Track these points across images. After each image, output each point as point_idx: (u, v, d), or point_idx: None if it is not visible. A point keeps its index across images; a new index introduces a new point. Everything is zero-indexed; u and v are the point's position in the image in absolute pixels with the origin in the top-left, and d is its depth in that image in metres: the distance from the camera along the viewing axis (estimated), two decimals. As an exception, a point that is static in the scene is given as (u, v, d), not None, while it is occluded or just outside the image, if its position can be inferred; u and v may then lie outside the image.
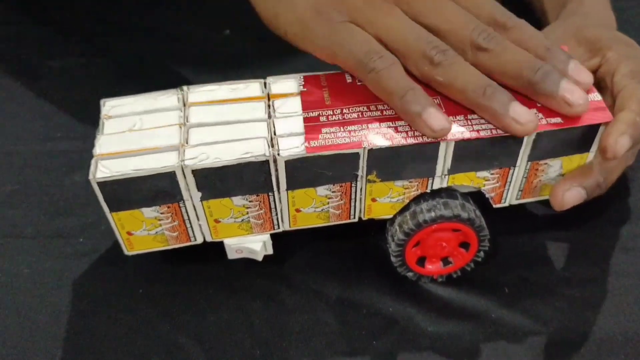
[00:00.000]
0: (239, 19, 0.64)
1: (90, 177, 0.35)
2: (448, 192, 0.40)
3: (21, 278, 0.44)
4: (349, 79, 0.40)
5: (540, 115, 0.37)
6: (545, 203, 0.41)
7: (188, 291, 0.43)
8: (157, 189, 0.36)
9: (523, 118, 0.35)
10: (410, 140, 0.36)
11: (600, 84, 0.42)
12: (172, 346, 0.40)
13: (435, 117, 0.35)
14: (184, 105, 0.39)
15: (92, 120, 0.51)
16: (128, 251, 0.41)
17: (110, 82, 0.59)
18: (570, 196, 0.39)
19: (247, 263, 0.43)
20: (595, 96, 0.38)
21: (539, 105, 0.37)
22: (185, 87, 0.40)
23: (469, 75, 0.36)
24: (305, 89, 0.39)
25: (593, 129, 0.38)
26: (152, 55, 0.62)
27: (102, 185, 0.35)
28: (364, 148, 0.36)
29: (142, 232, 0.39)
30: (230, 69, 0.59)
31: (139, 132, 0.38)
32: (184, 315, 0.42)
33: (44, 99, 0.58)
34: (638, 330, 0.40)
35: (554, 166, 0.39)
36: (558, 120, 0.37)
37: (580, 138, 0.38)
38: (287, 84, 0.40)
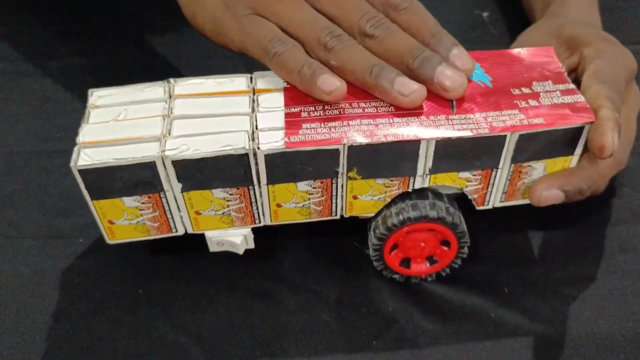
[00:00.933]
0: None
1: (72, 164, 0.36)
2: (419, 193, 0.40)
3: (21, 278, 0.44)
4: None
5: (523, 116, 0.37)
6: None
7: (188, 291, 0.43)
8: (138, 179, 0.37)
9: (406, 90, 0.36)
10: (391, 138, 0.36)
11: (579, 81, 0.42)
12: (172, 346, 0.40)
13: (327, 80, 0.36)
14: (170, 97, 0.40)
15: None
16: (110, 240, 0.41)
17: (110, 83, 0.59)
18: (548, 195, 0.39)
19: (247, 263, 0.43)
20: (579, 97, 0.38)
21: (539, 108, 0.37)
22: (172, 80, 0.41)
23: (357, 57, 0.37)
24: (288, 86, 0.39)
25: (577, 131, 0.38)
26: (152, 56, 0.62)
27: (83, 172, 0.36)
28: (344, 145, 0.36)
29: (123, 221, 0.39)
30: (230, 70, 0.59)
31: (123, 122, 0.38)
32: (184, 315, 0.42)
33: (44, 99, 0.58)
34: (638, 330, 0.40)
35: (538, 169, 0.39)
36: (540, 120, 0.37)
37: (564, 140, 0.38)
38: (273, 80, 0.40)
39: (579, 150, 0.39)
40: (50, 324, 0.41)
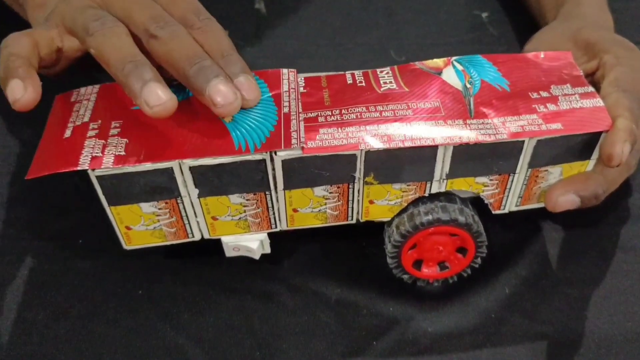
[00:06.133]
0: (237, 18, 0.64)
1: (89, 171, 0.35)
2: (447, 196, 0.40)
3: (21, 278, 0.44)
4: (349, 80, 0.40)
5: (541, 121, 0.37)
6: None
7: (188, 292, 0.43)
8: (155, 185, 0.36)
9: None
10: (408, 143, 0.36)
11: (597, 87, 0.42)
12: (172, 346, 0.40)
13: (153, 92, 0.33)
14: None
15: None
16: (127, 245, 0.41)
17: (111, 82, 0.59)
18: (564, 201, 0.39)
19: (246, 264, 0.43)
20: (597, 102, 0.38)
21: (539, 111, 0.37)
22: None
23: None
24: (305, 90, 0.39)
25: (594, 136, 0.37)
26: None
27: (101, 179, 0.36)
28: (361, 150, 0.36)
29: (140, 227, 0.39)
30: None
31: None
32: (184, 315, 0.42)
33: (44, 99, 0.58)
34: (638, 330, 0.40)
35: (554, 173, 0.39)
36: (558, 126, 0.37)
37: (581, 145, 0.38)
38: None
39: (595, 155, 0.39)
40: (50, 325, 0.41)
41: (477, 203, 0.41)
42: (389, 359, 0.39)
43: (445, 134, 0.36)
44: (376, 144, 0.36)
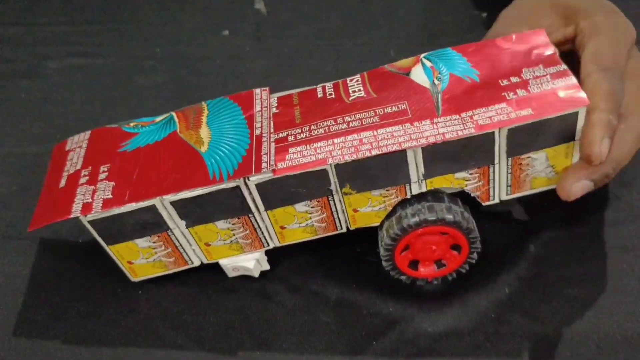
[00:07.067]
0: (237, 18, 0.64)
1: (81, 217, 0.38)
2: (434, 195, 0.39)
3: (20, 278, 0.44)
4: (319, 94, 0.40)
5: (510, 109, 0.36)
6: (546, 200, 0.41)
7: (188, 292, 0.43)
8: (144, 221, 0.39)
9: None
10: (375, 152, 0.36)
11: (577, 55, 0.41)
12: (172, 346, 0.40)
13: None
14: None
15: (92, 122, 0.51)
16: (133, 278, 0.43)
17: (109, 84, 0.59)
18: (578, 188, 0.38)
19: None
20: (570, 79, 0.37)
21: (528, 96, 0.36)
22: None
23: None
24: (277, 110, 0.40)
25: (572, 116, 0.36)
26: (151, 56, 0.62)
27: (93, 223, 0.38)
28: (329, 165, 0.36)
29: (141, 260, 0.41)
30: (228, 69, 0.60)
31: None
32: (184, 315, 0.42)
33: (43, 100, 0.58)
34: (638, 330, 0.40)
35: (539, 159, 0.38)
36: (529, 112, 0.36)
37: (561, 127, 0.37)
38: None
39: (579, 134, 0.37)
40: (50, 325, 0.41)
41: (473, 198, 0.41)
42: (388, 359, 0.39)
43: (411, 136, 0.36)
44: (344, 156, 0.36)
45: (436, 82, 0.39)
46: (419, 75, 0.39)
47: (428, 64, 0.40)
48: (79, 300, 0.43)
